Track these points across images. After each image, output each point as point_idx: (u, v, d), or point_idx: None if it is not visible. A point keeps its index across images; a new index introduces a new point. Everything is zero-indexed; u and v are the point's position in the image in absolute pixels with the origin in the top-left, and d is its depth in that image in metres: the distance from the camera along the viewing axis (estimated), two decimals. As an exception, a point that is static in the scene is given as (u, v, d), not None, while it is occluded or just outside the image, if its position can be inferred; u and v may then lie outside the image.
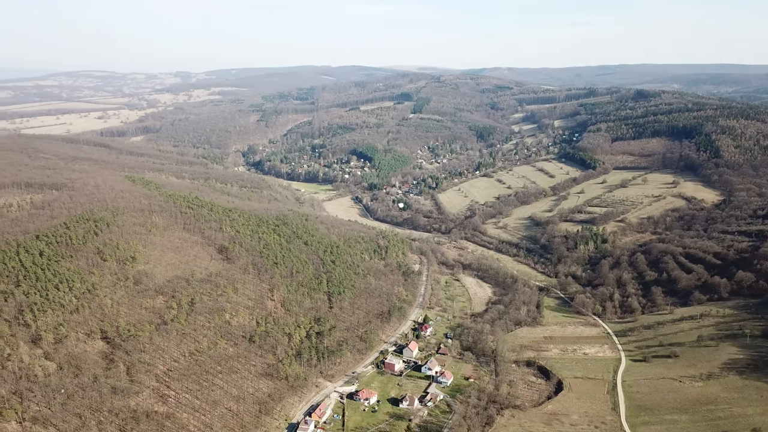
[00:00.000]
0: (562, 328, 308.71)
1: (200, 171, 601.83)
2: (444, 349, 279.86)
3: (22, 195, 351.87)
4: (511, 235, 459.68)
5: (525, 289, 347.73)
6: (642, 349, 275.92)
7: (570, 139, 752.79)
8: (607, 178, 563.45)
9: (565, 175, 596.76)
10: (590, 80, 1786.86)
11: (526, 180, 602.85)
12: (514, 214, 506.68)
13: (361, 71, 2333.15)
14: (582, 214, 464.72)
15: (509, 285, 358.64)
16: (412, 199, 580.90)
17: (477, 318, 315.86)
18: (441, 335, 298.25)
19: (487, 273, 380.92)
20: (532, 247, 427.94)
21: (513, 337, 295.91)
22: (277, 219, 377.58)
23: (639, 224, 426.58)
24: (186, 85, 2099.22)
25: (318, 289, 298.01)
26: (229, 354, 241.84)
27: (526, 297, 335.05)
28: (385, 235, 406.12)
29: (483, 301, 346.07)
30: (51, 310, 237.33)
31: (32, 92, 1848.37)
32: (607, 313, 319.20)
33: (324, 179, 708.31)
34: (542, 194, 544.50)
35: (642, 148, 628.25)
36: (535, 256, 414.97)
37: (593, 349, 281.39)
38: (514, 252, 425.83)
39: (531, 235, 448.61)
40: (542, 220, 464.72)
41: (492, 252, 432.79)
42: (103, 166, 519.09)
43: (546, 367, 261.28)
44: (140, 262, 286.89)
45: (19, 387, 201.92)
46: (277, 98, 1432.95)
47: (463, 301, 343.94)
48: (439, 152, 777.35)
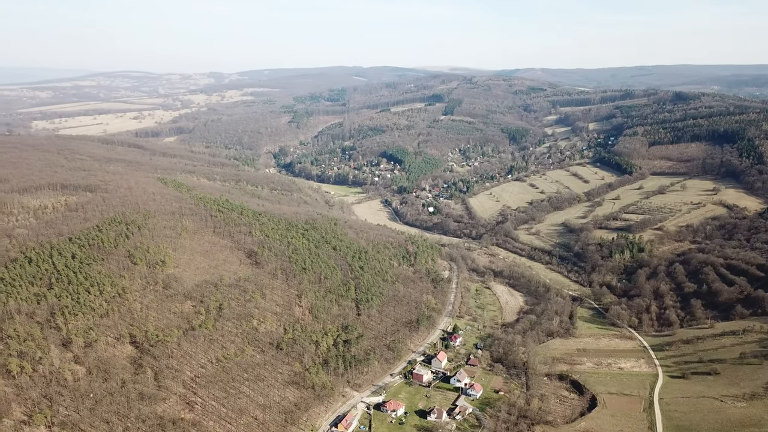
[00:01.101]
0: (596, 341, 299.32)
1: (231, 173, 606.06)
2: (474, 360, 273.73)
3: (57, 196, 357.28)
4: (544, 241, 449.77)
5: (558, 298, 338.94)
6: (680, 364, 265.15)
7: (605, 143, 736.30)
8: (644, 183, 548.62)
9: (600, 180, 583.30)
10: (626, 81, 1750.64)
11: (560, 185, 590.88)
12: (547, 220, 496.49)
13: (392, 72, 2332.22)
14: (617, 222, 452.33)
15: (541, 294, 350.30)
16: (442, 203, 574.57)
17: (508, 328, 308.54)
18: (471, 345, 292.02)
19: (518, 281, 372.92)
20: (565, 255, 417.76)
21: (545, 348, 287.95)
22: (306, 223, 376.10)
23: (677, 233, 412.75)
24: (219, 86, 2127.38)
25: (346, 296, 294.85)
26: (256, 361, 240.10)
27: (559, 307, 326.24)
28: (414, 240, 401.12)
29: (514, 311, 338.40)
30: (82, 314, 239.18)
31: (71, 92, 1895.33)
32: (644, 325, 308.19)
33: (354, 182, 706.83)
34: (576, 200, 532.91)
35: (681, 153, 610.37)
36: (568, 264, 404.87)
37: (629, 363, 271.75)
38: (546, 259, 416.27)
39: (564, 243, 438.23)
40: (576, 227, 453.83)
41: (524, 259, 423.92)
42: (137, 167, 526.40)
43: (579, 382, 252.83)
44: (170, 266, 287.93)
45: (49, 391, 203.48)
46: (308, 99, 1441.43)
47: (494, 310, 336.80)
48: (471, 155, 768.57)
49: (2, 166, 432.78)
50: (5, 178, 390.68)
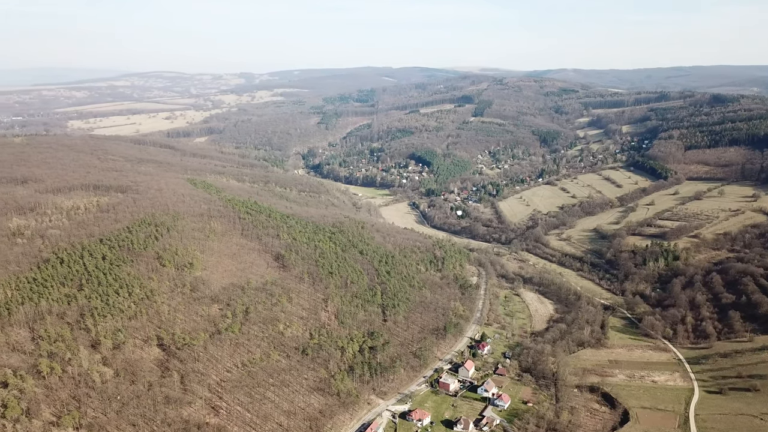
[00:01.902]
0: (629, 352, 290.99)
1: (260, 174, 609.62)
2: (502, 370, 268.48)
3: (90, 197, 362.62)
4: (575, 247, 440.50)
5: (589, 307, 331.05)
6: (717, 379, 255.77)
7: (639, 146, 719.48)
8: (680, 189, 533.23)
9: (634, 184, 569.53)
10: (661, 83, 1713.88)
11: (592, 189, 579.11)
12: (578, 226, 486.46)
13: (422, 72, 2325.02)
14: (651, 228, 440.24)
15: (572, 302, 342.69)
16: (471, 206, 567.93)
17: (537, 337, 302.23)
18: (499, 354, 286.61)
19: (548, 288, 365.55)
20: (597, 262, 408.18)
21: (575, 359, 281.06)
22: (333, 226, 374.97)
23: (714, 241, 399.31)
24: (250, 86, 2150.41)
25: (372, 302, 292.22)
26: (281, 366, 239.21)
27: (590, 316, 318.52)
28: (441, 245, 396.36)
29: (544, 319, 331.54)
30: (110, 315, 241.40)
31: (106, 92, 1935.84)
32: (679, 337, 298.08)
33: (381, 184, 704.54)
34: (608, 205, 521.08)
35: (718, 158, 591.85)
36: (600, 271, 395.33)
37: (663, 376, 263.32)
38: (577, 266, 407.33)
39: (596, 249, 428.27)
40: (608, 233, 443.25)
41: (554, 265, 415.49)
42: (167, 168, 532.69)
43: (611, 395, 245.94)
44: (197, 269, 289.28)
45: (77, 392, 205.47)
46: (337, 100, 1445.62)
47: (523, 318, 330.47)
48: (500, 157, 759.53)
49: (38, 166, 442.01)
50: (40, 178, 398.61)
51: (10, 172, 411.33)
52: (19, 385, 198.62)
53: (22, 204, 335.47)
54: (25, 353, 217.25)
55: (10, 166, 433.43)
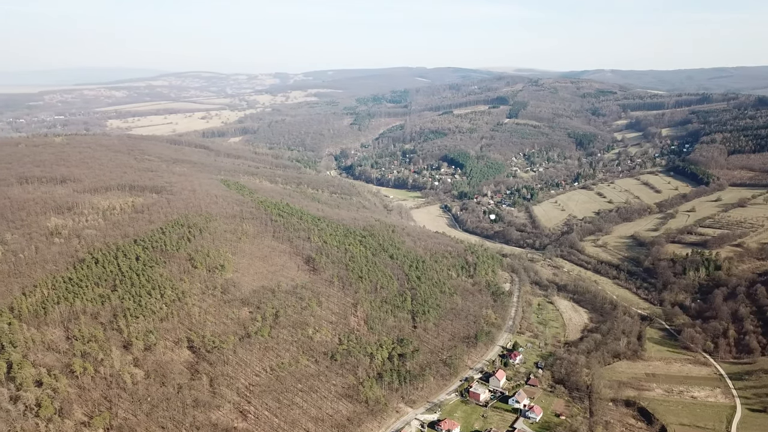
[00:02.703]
0: (667, 365, 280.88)
1: (293, 175, 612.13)
2: (534, 380, 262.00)
3: (125, 197, 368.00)
4: (612, 255, 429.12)
5: (625, 317, 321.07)
6: (761, 397, 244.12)
7: (679, 151, 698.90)
8: (722, 195, 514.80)
9: (674, 190, 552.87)
10: (703, 84, 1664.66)
11: (629, 194, 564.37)
12: (614, 232, 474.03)
13: (456, 73, 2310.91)
14: (692, 236, 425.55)
15: (608, 311, 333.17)
16: (505, 210, 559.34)
17: (571, 347, 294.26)
18: (531, 364, 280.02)
19: (583, 296, 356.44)
20: (634, 270, 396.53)
21: (610, 371, 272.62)
22: (364, 230, 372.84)
23: (759, 250, 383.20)
24: (284, 86, 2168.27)
25: (402, 307, 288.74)
26: (310, 372, 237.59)
27: (627, 326, 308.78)
28: (474, 250, 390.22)
29: (578, 328, 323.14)
30: (143, 317, 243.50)
31: (145, 92, 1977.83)
32: (720, 351, 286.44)
33: (413, 186, 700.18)
34: (647, 211, 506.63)
35: (764, 163, 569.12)
36: (637, 280, 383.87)
37: (703, 392, 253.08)
38: (614, 274, 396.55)
39: (633, 257, 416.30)
40: (646, 240, 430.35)
41: (589, 273, 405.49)
42: (201, 168, 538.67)
43: (648, 410, 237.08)
44: (229, 271, 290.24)
45: (109, 393, 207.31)
46: (370, 101, 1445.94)
47: (557, 327, 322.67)
48: (535, 160, 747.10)
49: (77, 166, 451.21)
50: (79, 178, 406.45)
51: (50, 171, 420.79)
52: (52, 385, 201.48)
53: (61, 203, 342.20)
54: (60, 352, 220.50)
55: (51, 165, 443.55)
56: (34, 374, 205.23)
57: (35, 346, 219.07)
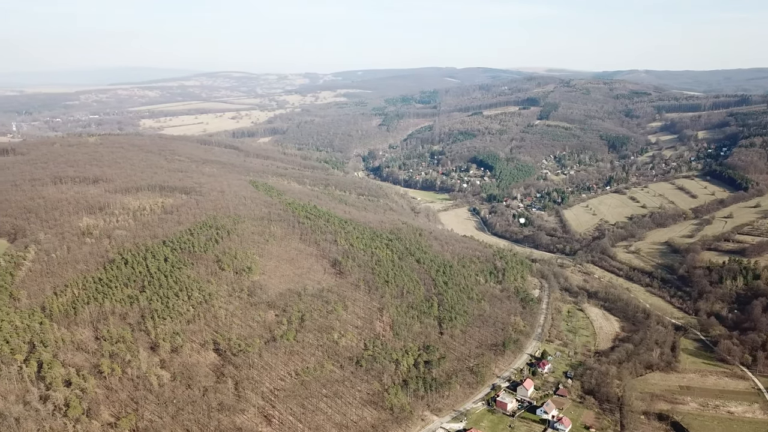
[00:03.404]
0: (702, 378, 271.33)
1: (321, 177, 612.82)
2: (563, 390, 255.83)
3: (155, 198, 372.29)
4: (644, 261, 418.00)
5: (658, 327, 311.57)
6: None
7: (716, 154, 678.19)
8: (762, 201, 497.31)
9: (710, 195, 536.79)
10: (742, 85, 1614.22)
11: (663, 199, 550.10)
12: (648, 238, 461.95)
13: (485, 73, 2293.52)
14: (729, 243, 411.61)
15: (640, 320, 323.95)
16: (534, 214, 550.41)
17: (601, 357, 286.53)
18: (560, 373, 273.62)
19: (615, 304, 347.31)
20: (668, 278, 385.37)
21: (642, 382, 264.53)
22: (390, 233, 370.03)
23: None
24: (314, 86, 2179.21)
25: (428, 313, 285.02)
26: (335, 377, 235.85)
27: (660, 336, 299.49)
28: (502, 254, 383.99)
29: (609, 337, 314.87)
30: (170, 318, 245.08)
31: (177, 92, 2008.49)
32: (759, 365, 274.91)
33: (441, 188, 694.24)
34: (682, 217, 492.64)
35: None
36: (671, 288, 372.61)
37: (740, 407, 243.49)
38: (646, 282, 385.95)
39: (667, 264, 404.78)
40: (681, 247, 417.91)
41: (621, 280, 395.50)
42: (230, 169, 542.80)
43: (682, 424, 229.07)
44: (255, 273, 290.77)
45: (136, 395, 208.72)
46: (399, 101, 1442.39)
47: (587, 336, 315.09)
48: (566, 163, 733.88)
49: (109, 166, 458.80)
50: (111, 178, 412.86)
51: (83, 171, 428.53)
52: (81, 385, 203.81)
53: (93, 204, 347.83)
54: (89, 352, 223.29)
55: (84, 165, 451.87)
56: (63, 374, 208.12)
57: (65, 346, 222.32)
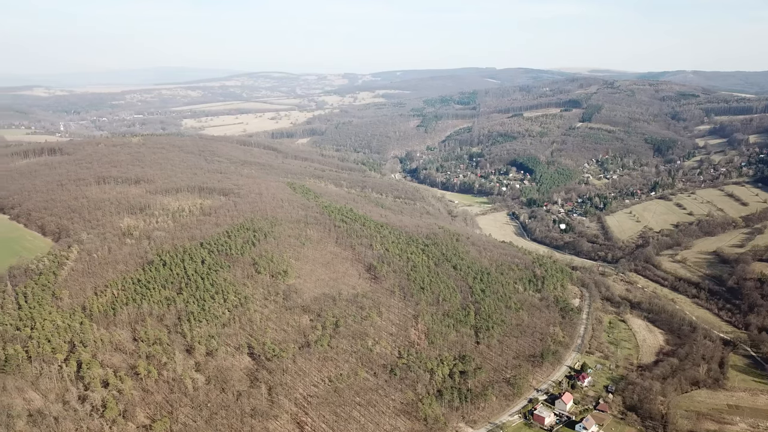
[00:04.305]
0: (753, 397, 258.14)
1: (358, 179, 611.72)
2: (603, 406, 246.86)
3: (194, 199, 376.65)
4: (691, 271, 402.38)
5: (706, 341, 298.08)
6: None
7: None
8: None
9: (762, 203, 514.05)
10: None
11: (712, 206, 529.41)
12: (695, 247, 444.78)
13: (526, 74, 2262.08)
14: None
15: (686, 333, 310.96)
16: (575, 219, 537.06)
17: (644, 371, 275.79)
18: (600, 387, 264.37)
19: (659, 316, 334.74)
20: (716, 289, 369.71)
21: (688, 400, 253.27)
22: (427, 238, 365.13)
23: None
24: (352, 87, 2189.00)
25: (465, 322, 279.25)
26: (368, 385, 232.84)
27: (707, 351, 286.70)
28: (542, 262, 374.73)
29: (653, 351, 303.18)
30: (205, 321, 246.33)
31: (218, 92, 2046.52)
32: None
33: (479, 191, 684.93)
34: (731, 225, 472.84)
35: None
36: (719, 300, 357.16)
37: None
38: (693, 293, 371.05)
39: (715, 274, 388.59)
40: (730, 257, 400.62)
41: (666, 290, 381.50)
42: (269, 171, 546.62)
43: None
44: (291, 277, 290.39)
45: (171, 397, 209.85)
46: (438, 102, 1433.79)
47: (629, 348, 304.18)
48: (609, 167, 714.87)
49: (150, 166, 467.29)
50: (151, 178, 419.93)
51: (125, 171, 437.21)
52: (118, 386, 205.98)
53: (134, 204, 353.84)
54: (126, 353, 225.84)
55: (126, 166, 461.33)
56: (101, 374, 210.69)
57: (103, 347, 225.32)
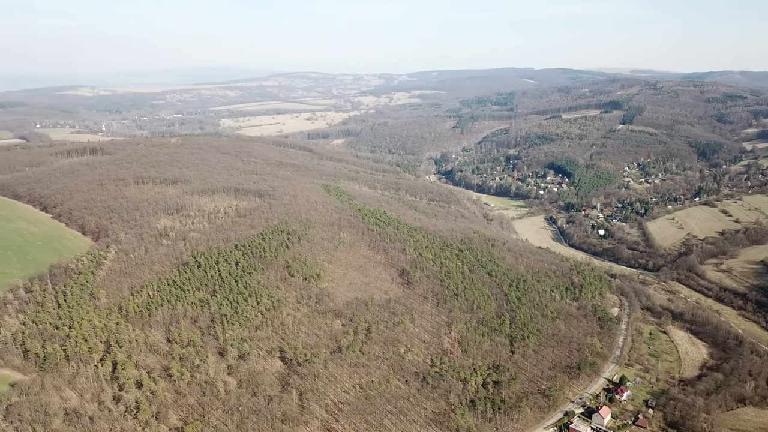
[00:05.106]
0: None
1: (392, 181, 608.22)
2: (642, 421, 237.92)
3: (230, 200, 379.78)
4: (737, 282, 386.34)
5: (753, 356, 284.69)
6: None
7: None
8: None
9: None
10: None
11: (760, 213, 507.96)
12: (741, 256, 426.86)
13: (565, 74, 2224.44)
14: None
15: (731, 347, 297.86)
16: (615, 225, 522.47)
17: (687, 386, 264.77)
18: (640, 402, 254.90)
19: (702, 328, 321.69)
20: (764, 301, 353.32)
21: (733, 417, 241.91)
22: (461, 243, 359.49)
23: None
24: (388, 87, 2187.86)
25: (499, 331, 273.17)
26: (400, 393, 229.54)
27: (754, 366, 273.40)
28: (580, 269, 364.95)
29: (695, 364, 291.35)
30: (238, 324, 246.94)
31: (256, 92, 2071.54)
32: None
33: (516, 194, 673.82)
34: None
35: None
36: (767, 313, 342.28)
37: None
38: (739, 304, 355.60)
39: (763, 285, 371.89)
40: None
41: (710, 301, 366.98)
42: (304, 172, 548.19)
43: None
44: (324, 280, 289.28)
45: (203, 400, 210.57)
46: (474, 103, 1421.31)
47: (671, 361, 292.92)
48: (651, 171, 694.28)
49: (188, 167, 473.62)
50: (189, 179, 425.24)
51: (163, 172, 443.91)
52: (152, 387, 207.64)
53: (171, 205, 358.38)
54: (160, 354, 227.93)
55: (165, 166, 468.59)
56: (135, 375, 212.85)
57: (138, 347, 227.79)
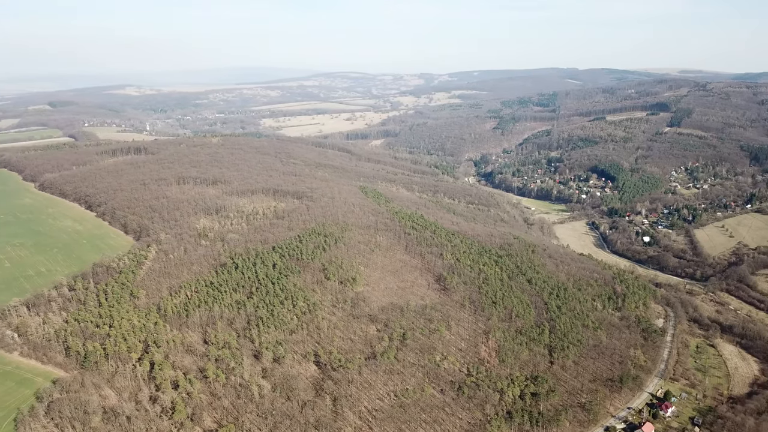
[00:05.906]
0: None
1: (430, 183, 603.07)
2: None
3: (269, 202, 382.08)
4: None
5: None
6: None
7: None
8: None
9: None
10: None
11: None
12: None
13: (610, 75, 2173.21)
14: None
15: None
16: (661, 232, 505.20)
17: (736, 404, 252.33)
18: (686, 419, 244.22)
19: (754, 342, 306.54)
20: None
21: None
22: (500, 248, 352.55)
23: None
24: (428, 87, 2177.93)
25: (538, 340, 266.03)
26: (435, 402, 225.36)
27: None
28: (623, 278, 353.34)
29: (746, 381, 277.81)
30: (274, 327, 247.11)
31: (296, 92, 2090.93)
32: None
33: (557, 198, 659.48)
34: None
35: None
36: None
37: None
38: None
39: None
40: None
41: (762, 314, 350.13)
42: (342, 174, 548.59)
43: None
44: (359, 284, 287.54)
45: (237, 403, 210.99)
46: (516, 104, 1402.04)
47: (719, 377, 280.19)
48: (699, 176, 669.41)
49: (228, 167, 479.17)
50: (229, 180, 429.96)
51: (204, 172, 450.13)
52: (187, 389, 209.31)
53: (210, 205, 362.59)
54: (196, 356, 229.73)
55: (205, 166, 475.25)
56: (172, 376, 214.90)
57: (175, 348, 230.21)
